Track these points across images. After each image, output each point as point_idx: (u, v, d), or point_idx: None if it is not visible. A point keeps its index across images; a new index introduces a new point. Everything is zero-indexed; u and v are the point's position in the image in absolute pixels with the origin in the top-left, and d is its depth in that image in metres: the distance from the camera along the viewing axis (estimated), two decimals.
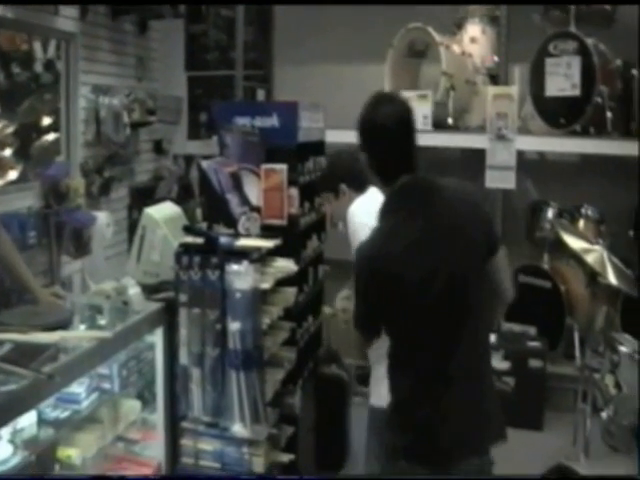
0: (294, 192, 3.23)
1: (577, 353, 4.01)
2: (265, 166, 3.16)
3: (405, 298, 2.08)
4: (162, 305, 2.86)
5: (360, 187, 3.35)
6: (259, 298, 2.66)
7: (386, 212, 2.18)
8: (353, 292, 2.21)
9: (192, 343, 2.68)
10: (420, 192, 2.13)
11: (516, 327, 4.80)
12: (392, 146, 2.13)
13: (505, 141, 4.71)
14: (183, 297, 2.68)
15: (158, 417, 2.91)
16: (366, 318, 2.20)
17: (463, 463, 2.08)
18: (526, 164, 4.96)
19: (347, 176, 3.40)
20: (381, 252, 2.11)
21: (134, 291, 2.75)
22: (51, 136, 4.14)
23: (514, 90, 4.76)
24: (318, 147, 3.76)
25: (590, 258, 3.29)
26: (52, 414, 2.50)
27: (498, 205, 5.09)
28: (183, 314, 2.68)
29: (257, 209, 3.12)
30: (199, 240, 2.72)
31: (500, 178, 4.75)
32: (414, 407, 2.13)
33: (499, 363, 4.55)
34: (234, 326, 2.60)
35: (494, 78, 5.08)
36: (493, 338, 4.62)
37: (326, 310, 3.95)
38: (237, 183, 3.11)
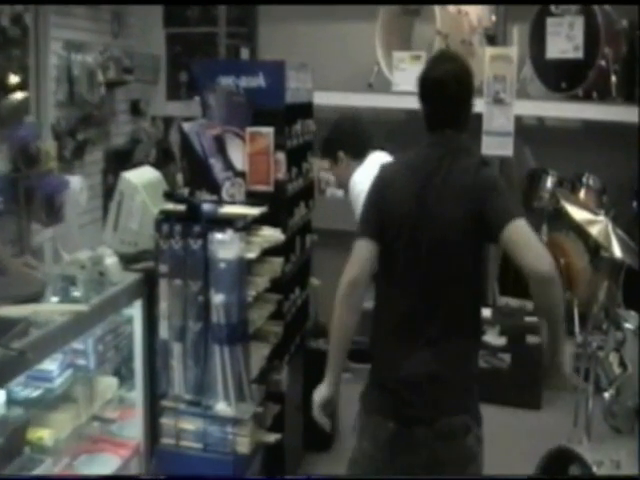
0: (281, 157, 3.24)
1: (577, 329, 4.01)
2: (250, 129, 3.16)
3: (396, 234, 2.26)
4: (141, 276, 2.86)
5: (358, 154, 3.45)
6: (244, 269, 2.70)
7: (411, 150, 2.39)
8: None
9: (173, 316, 2.70)
10: (441, 151, 2.28)
11: (512, 301, 4.79)
12: (440, 101, 2.30)
13: (503, 105, 4.67)
14: (163, 267, 2.68)
15: (137, 395, 2.92)
16: (368, 224, 2.33)
17: (436, 423, 2.18)
18: (524, 130, 4.91)
19: (346, 143, 3.50)
20: (394, 176, 2.35)
21: (111, 261, 2.73)
22: (19, 95, 4.03)
23: (513, 51, 4.69)
24: (306, 109, 3.78)
25: (594, 230, 3.26)
26: (22, 393, 2.49)
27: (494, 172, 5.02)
28: (163, 286, 2.69)
29: (242, 174, 3.14)
30: (180, 207, 2.74)
31: (497, 144, 4.70)
32: (385, 360, 2.29)
33: (495, 339, 4.56)
34: (218, 298, 2.63)
35: (492, 38, 5.03)
36: (488, 313, 4.62)
37: (314, 282, 4.07)
38: (221, 147, 3.12)
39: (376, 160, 3.12)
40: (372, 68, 5.00)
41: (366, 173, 3.04)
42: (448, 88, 2.29)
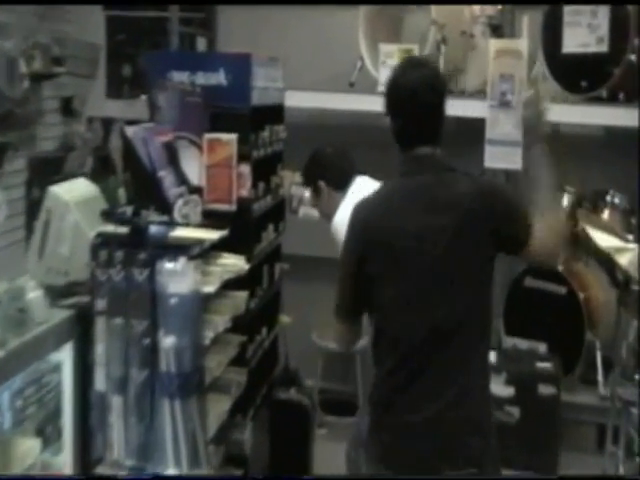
0: (246, 169, 3.33)
1: (600, 378, 3.99)
2: (209, 135, 3.23)
3: (391, 269, 2.47)
4: (72, 314, 2.79)
5: (339, 185, 3.61)
6: (200, 305, 2.69)
7: (391, 178, 2.62)
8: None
9: (112, 363, 2.67)
10: (428, 167, 2.51)
11: (522, 343, 4.81)
12: (414, 113, 2.50)
13: (510, 109, 4.71)
14: (101, 303, 2.67)
15: (65, 460, 2.85)
16: (350, 298, 2.61)
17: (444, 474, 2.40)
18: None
19: (327, 173, 3.68)
20: (375, 213, 2.56)
21: (34, 295, 2.66)
22: None
23: (522, 45, 4.73)
24: (276, 113, 3.91)
25: (623, 259, 3.27)
26: None
27: None
28: (100, 325, 2.67)
29: (198, 190, 3.18)
30: (122, 229, 2.73)
31: (503, 155, 4.75)
32: (391, 404, 2.49)
33: (500, 389, 4.54)
34: (168, 341, 2.60)
35: (497, 29, 5.09)
36: (492, 356, 4.66)
37: (284, 319, 4.21)
38: (172, 157, 3.14)
39: (360, 191, 3.23)
40: (354, 64, 5.04)
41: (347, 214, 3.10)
42: (423, 97, 2.47)
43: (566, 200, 4.87)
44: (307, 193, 4.44)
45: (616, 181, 4.80)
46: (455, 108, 4.57)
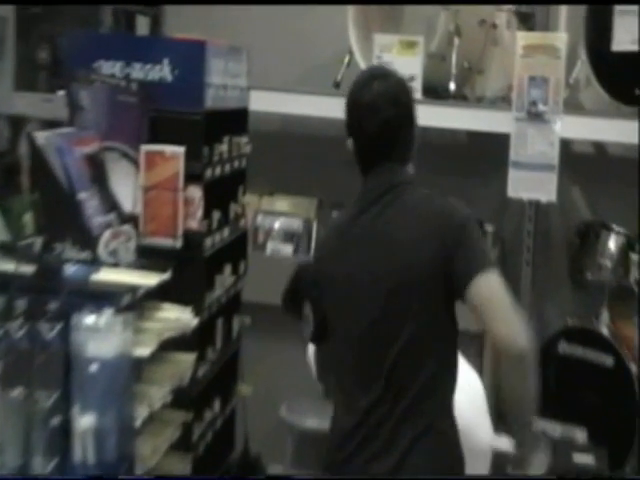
0: (196, 193, 3.34)
1: None
2: (148, 147, 3.25)
3: (334, 307, 2.92)
4: None
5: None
6: (130, 373, 2.68)
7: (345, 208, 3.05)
8: None
9: (8, 449, 2.63)
10: (379, 192, 2.83)
11: (555, 428, 4.71)
12: (366, 132, 2.84)
13: (542, 123, 4.67)
14: None
15: None
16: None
17: None
18: (574, 162, 4.98)
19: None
20: (321, 248, 3.13)
21: None
22: None
23: (560, 40, 4.71)
24: (238, 119, 3.95)
25: None
26: None
27: (526, 228, 5.12)
28: None
29: (132, 220, 3.20)
30: (27, 269, 2.70)
31: (532, 183, 4.73)
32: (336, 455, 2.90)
33: None
34: (85, 421, 2.57)
35: (527, 19, 5.14)
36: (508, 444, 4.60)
37: (244, 390, 4.19)
38: (98, 173, 3.14)
39: None
40: (341, 58, 5.05)
41: None
42: (380, 112, 2.79)
43: (613, 242, 4.91)
44: (277, 224, 4.42)
45: None
46: (469, 120, 4.99)
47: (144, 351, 2.74)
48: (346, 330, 2.88)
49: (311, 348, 3.47)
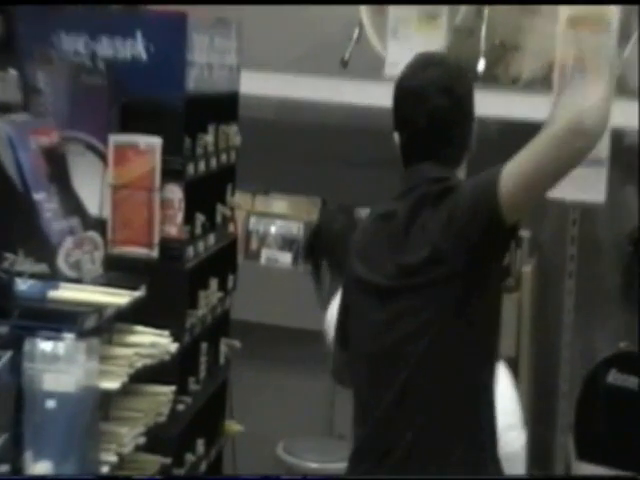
0: (176, 193, 3.35)
1: None
2: (118, 139, 3.26)
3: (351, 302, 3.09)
4: None
5: (340, 273, 3.71)
6: (96, 410, 2.64)
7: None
8: None
9: None
10: (412, 193, 2.90)
11: (606, 473, 4.78)
12: (416, 119, 2.89)
13: None
14: None
15: None
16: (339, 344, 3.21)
17: None
18: (626, 156, 4.97)
19: (329, 255, 3.90)
20: (353, 245, 3.15)
21: None
22: None
23: (611, 11, 4.63)
24: (226, 105, 3.97)
25: None
26: None
27: (570, 234, 5.16)
28: None
29: (99, 225, 3.19)
30: None
31: (576, 181, 4.54)
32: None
33: None
34: (40, 469, 2.54)
35: None
36: None
37: (233, 427, 4.21)
38: (58, 169, 3.11)
39: None
40: (349, 34, 5.07)
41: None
42: (428, 102, 2.85)
43: None
44: (273, 228, 4.40)
45: None
46: (501, 106, 4.92)
47: (113, 384, 2.69)
48: (359, 332, 3.03)
49: (330, 314, 3.55)
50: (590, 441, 4.92)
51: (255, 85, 4.30)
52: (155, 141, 3.23)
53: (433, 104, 2.84)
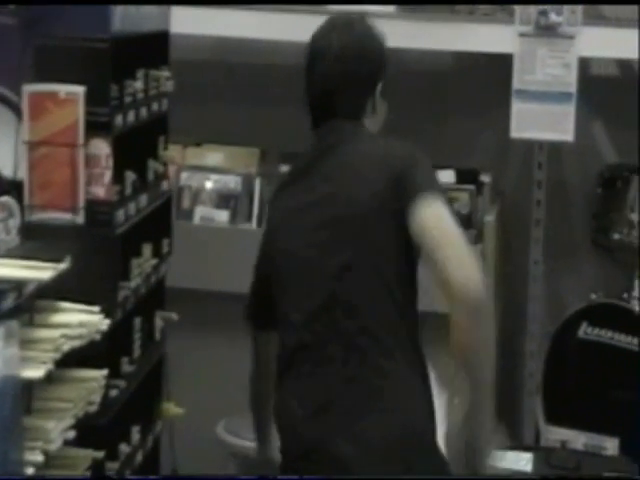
0: (103, 149, 3.29)
1: None
2: (33, 87, 3.20)
3: (277, 265, 3.24)
4: None
5: None
6: (16, 402, 2.63)
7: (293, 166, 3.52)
8: None
9: None
10: (322, 147, 3.22)
11: (576, 437, 4.88)
12: (323, 78, 3.18)
13: (555, 38, 4.76)
14: None
15: None
16: (253, 295, 3.40)
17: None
18: (595, 88, 5.04)
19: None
20: (275, 195, 3.45)
21: None
22: None
23: None
24: (155, 45, 3.92)
25: None
26: None
27: (536, 178, 5.20)
28: None
29: (15, 188, 3.17)
30: None
31: (542, 119, 4.79)
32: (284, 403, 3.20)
33: None
34: None
35: None
36: (526, 460, 4.67)
37: (171, 409, 4.16)
38: None
39: None
40: None
41: None
42: (335, 63, 3.12)
43: None
44: (208, 183, 4.74)
45: None
46: (457, 38, 5.03)
47: (36, 372, 2.62)
48: (289, 263, 3.18)
49: None
50: (560, 402, 4.99)
51: (187, 23, 4.24)
52: (77, 89, 3.10)
53: (337, 66, 3.13)
